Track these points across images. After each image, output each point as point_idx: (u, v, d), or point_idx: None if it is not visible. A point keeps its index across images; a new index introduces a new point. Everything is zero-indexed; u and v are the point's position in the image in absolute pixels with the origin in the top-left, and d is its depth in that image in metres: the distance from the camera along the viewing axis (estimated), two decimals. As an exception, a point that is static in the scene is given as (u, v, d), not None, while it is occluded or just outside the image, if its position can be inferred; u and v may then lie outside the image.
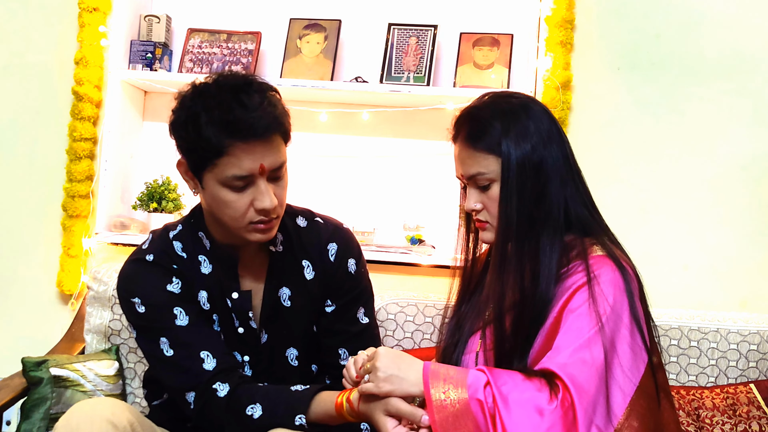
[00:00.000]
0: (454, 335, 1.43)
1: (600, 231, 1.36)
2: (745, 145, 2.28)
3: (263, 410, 1.38)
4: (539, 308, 1.28)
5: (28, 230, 2.47)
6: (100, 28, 2.37)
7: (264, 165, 1.34)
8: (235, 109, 1.30)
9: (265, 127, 1.32)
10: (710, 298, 2.25)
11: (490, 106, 1.36)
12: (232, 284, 1.49)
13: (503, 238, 1.32)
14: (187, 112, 1.34)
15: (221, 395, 1.40)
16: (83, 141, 2.37)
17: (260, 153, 1.33)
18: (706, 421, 1.79)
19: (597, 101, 2.32)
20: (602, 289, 1.25)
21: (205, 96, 1.34)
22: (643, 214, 2.29)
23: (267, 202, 1.35)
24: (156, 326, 1.44)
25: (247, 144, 1.31)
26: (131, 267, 1.50)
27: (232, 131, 1.30)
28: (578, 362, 1.19)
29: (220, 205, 1.37)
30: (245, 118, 1.30)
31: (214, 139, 1.30)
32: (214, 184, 1.36)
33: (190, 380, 1.42)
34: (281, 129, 1.37)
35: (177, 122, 1.36)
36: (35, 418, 1.79)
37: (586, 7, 2.32)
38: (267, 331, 1.52)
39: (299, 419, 1.36)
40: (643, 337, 1.25)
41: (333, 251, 1.55)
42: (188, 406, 1.43)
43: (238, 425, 1.39)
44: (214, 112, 1.31)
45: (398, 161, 2.40)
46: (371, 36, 2.40)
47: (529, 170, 1.30)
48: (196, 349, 1.42)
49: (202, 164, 1.35)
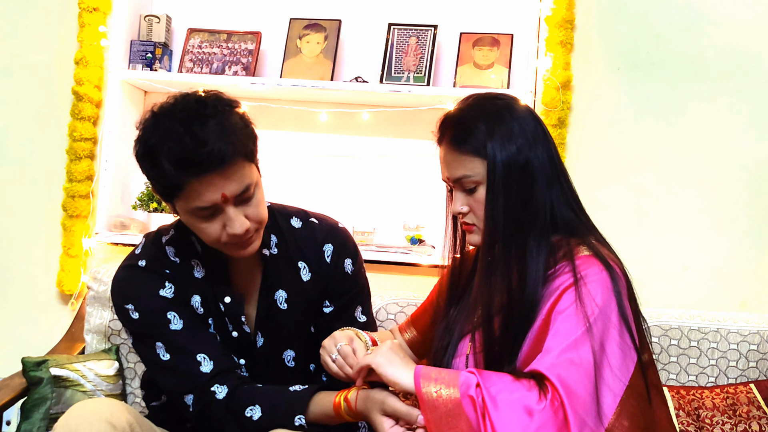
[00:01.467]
0: (443, 339, 1.42)
1: (586, 231, 1.35)
2: (745, 145, 2.28)
3: (263, 411, 1.38)
4: (527, 310, 1.28)
5: (28, 230, 2.47)
6: (100, 28, 2.37)
7: (226, 194, 1.30)
8: (187, 145, 1.26)
9: (220, 159, 1.27)
10: (710, 298, 2.25)
11: (474, 109, 1.36)
12: (224, 288, 1.48)
13: (490, 240, 1.32)
14: (144, 146, 1.32)
15: (220, 397, 1.40)
16: (83, 141, 2.37)
17: (220, 184, 1.29)
18: (706, 421, 1.79)
19: (597, 101, 2.32)
20: (589, 290, 1.24)
21: (160, 128, 1.30)
22: (643, 213, 2.29)
23: (237, 228, 1.33)
24: (151, 332, 1.44)
25: (204, 178, 1.28)
26: (124, 273, 1.50)
27: (186, 168, 1.27)
28: (566, 363, 1.19)
29: (195, 228, 1.37)
30: (198, 154, 1.26)
31: (172, 178, 1.28)
32: (183, 213, 1.36)
33: (187, 383, 1.42)
34: (242, 153, 1.31)
35: (138, 155, 1.35)
36: (35, 418, 1.79)
37: (586, 7, 2.32)
38: (263, 335, 1.52)
39: (299, 419, 1.36)
40: (632, 335, 1.25)
41: (329, 252, 1.54)
42: (187, 408, 1.43)
43: (237, 427, 1.39)
44: (168, 148, 1.27)
45: (398, 161, 2.40)
46: (371, 36, 2.40)
47: (515, 172, 1.30)
48: (192, 353, 1.42)
49: (168, 195, 1.34)
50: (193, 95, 1.34)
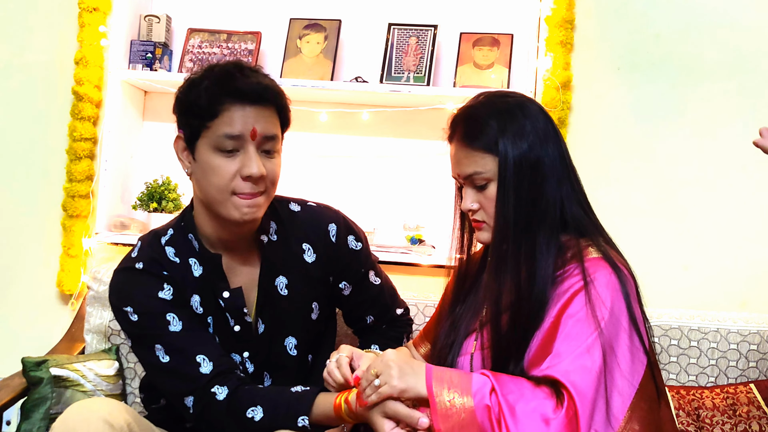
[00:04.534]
0: (449, 336, 1.42)
1: (595, 231, 1.35)
2: (745, 145, 2.27)
3: (264, 412, 1.38)
4: (535, 309, 1.27)
5: (28, 230, 2.47)
6: (100, 28, 2.37)
7: (256, 129, 1.37)
8: (235, 77, 1.37)
9: (260, 93, 1.38)
10: (710, 298, 2.24)
11: (486, 106, 1.35)
12: (221, 284, 1.49)
13: (500, 237, 1.31)
14: (191, 81, 1.41)
15: (220, 398, 1.40)
16: (83, 141, 2.37)
17: (253, 117, 1.37)
18: (706, 421, 1.79)
19: (597, 101, 2.32)
20: (599, 293, 1.24)
21: (211, 69, 1.41)
22: (643, 213, 2.29)
23: (254, 168, 1.36)
24: (150, 333, 1.44)
25: (241, 105, 1.36)
26: (121, 276, 1.49)
27: (228, 92, 1.36)
28: (580, 369, 1.19)
29: (207, 173, 1.38)
30: (242, 82, 1.37)
31: (211, 100, 1.36)
32: (205, 151, 1.38)
33: (187, 385, 1.41)
34: (277, 102, 1.42)
35: (180, 91, 1.42)
36: (35, 418, 1.79)
37: (586, 7, 2.32)
38: (263, 321, 1.52)
39: (302, 420, 1.36)
40: (641, 339, 1.25)
41: (333, 231, 1.58)
42: (187, 410, 1.43)
43: (238, 428, 1.39)
44: (214, 78, 1.38)
45: (398, 161, 2.40)
46: (371, 36, 2.40)
47: (526, 169, 1.30)
48: (191, 354, 1.42)
49: (198, 129, 1.38)
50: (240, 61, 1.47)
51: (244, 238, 1.50)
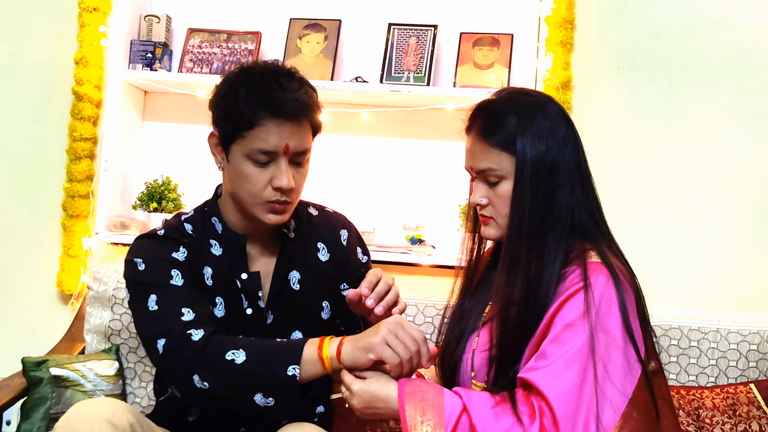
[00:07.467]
0: (455, 330, 1.43)
1: (601, 239, 1.34)
2: (745, 145, 2.27)
3: (248, 356, 1.31)
4: (539, 311, 1.27)
5: (28, 230, 2.47)
6: (100, 28, 2.37)
7: (289, 145, 1.40)
8: (273, 88, 1.39)
9: (297, 110, 1.40)
10: (710, 298, 2.25)
11: (507, 101, 1.35)
12: (241, 265, 1.51)
13: (514, 237, 1.31)
14: (228, 86, 1.42)
15: (195, 339, 1.34)
16: (83, 141, 2.37)
17: (288, 133, 1.39)
18: (706, 421, 1.79)
19: (597, 101, 2.32)
20: (594, 301, 1.23)
21: (249, 75, 1.43)
22: (643, 214, 2.29)
23: (284, 181, 1.40)
24: (151, 282, 1.44)
25: (277, 121, 1.38)
26: (141, 240, 1.54)
27: (266, 106, 1.38)
28: (564, 378, 1.18)
29: (240, 178, 1.43)
30: (281, 97, 1.38)
31: (248, 112, 1.38)
32: (239, 157, 1.42)
33: (163, 327, 1.37)
34: (311, 117, 1.44)
35: (217, 94, 1.44)
36: (35, 418, 1.79)
37: (586, 7, 2.32)
38: (273, 312, 1.54)
39: (293, 369, 1.29)
40: (636, 348, 1.23)
41: (344, 237, 1.64)
42: (156, 353, 1.37)
43: (211, 371, 1.31)
44: (253, 88, 1.39)
45: (398, 161, 2.40)
46: (371, 36, 2.40)
47: (542, 171, 1.29)
48: (179, 307, 1.40)
49: (233, 135, 1.41)
50: (283, 64, 1.49)
51: (267, 230, 1.54)
